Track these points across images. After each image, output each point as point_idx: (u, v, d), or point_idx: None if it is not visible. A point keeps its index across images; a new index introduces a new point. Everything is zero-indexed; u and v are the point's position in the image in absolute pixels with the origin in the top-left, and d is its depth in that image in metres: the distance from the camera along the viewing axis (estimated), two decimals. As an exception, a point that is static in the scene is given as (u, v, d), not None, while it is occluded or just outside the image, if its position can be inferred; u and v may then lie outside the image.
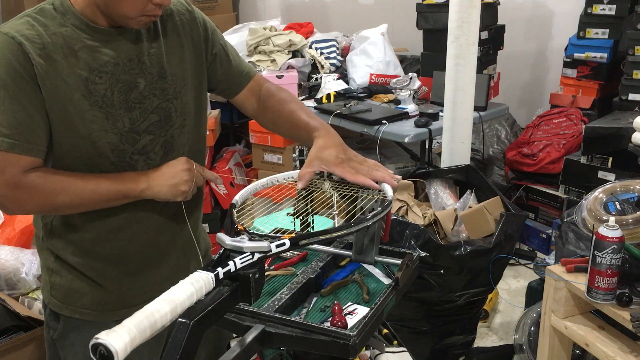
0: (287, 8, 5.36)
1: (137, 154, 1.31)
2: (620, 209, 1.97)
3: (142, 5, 1.20)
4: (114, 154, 1.28)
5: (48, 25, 1.22)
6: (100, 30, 1.25)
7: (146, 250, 1.42)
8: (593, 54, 3.53)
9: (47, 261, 1.43)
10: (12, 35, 1.19)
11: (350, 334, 1.04)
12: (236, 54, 1.53)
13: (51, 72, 1.20)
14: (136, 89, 1.29)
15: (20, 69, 1.18)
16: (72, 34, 1.23)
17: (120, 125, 1.27)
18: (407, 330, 2.43)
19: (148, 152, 1.33)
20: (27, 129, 1.20)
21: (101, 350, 0.76)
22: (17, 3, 4.77)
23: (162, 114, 1.33)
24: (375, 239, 1.28)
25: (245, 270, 0.98)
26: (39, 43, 1.20)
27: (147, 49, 1.31)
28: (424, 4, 3.70)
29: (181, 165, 1.32)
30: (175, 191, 1.31)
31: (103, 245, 1.37)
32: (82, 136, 1.25)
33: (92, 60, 1.24)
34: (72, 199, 1.25)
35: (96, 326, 1.40)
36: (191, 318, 0.87)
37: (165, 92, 1.33)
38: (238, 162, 4.04)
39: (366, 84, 3.78)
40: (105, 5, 1.21)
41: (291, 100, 1.48)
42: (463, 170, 2.65)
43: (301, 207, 1.39)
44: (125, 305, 1.41)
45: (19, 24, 1.22)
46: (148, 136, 1.32)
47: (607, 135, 2.98)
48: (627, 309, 1.65)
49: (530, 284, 2.67)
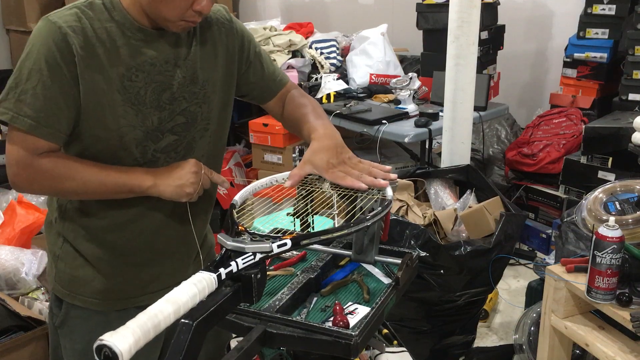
0: (287, 8, 5.36)
1: (159, 152, 1.35)
2: (620, 209, 1.98)
3: (182, 11, 1.25)
4: (137, 150, 1.32)
5: (95, 19, 1.26)
6: (143, 30, 1.29)
7: (152, 245, 1.44)
8: (593, 54, 3.53)
9: (54, 246, 1.46)
10: (60, 25, 1.22)
11: (352, 334, 1.04)
12: (270, 62, 1.58)
13: (91, 65, 1.24)
14: (169, 90, 1.33)
15: (59, 58, 1.22)
16: (116, 30, 1.27)
17: (149, 123, 1.32)
18: (407, 330, 2.43)
19: (169, 151, 1.36)
20: (51, 114, 1.23)
21: (106, 352, 0.77)
22: (17, 2, 4.77)
23: (189, 116, 1.37)
24: (375, 239, 1.28)
25: (247, 271, 0.98)
26: (83, 35, 1.23)
27: (184, 54, 1.35)
28: (424, 4, 3.70)
29: (189, 167, 1.34)
30: (180, 192, 1.32)
31: (113, 234, 1.40)
32: (110, 129, 1.28)
33: (131, 58, 1.28)
34: (79, 186, 1.29)
35: (95, 315, 1.43)
36: (194, 319, 0.87)
37: (195, 95, 1.37)
38: (238, 162, 4.05)
39: (366, 84, 3.78)
40: (149, 7, 1.26)
41: (307, 105, 1.51)
42: (463, 170, 2.65)
43: (301, 207, 1.39)
44: (127, 296, 1.45)
45: (67, 15, 1.25)
46: (172, 136, 1.36)
47: (607, 135, 2.98)
48: (627, 309, 1.66)
49: (530, 284, 2.67)
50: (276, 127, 3.69)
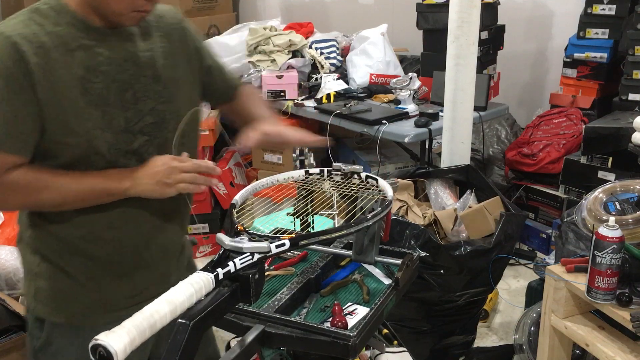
0: (287, 8, 5.36)
1: (131, 154, 1.31)
2: (620, 209, 1.97)
3: (131, 2, 1.22)
4: (110, 153, 1.28)
5: (44, 24, 1.22)
6: (95, 29, 1.26)
7: (136, 252, 1.40)
8: (593, 54, 3.53)
9: (31, 265, 1.40)
10: (8, 35, 1.19)
11: (350, 335, 1.04)
12: (223, 63, 1.59)
13: (48, 71, 1.20)
14: (131, 89, 1.30)
15: (13, 68, 1.18)
16: (67, 32, 1.23)
17: (116, 124, 1.28)
18: (407, 330, 2.43)
19: (142, 153, 1.32)
20: (14, 129, 1.20)
21: (100, 351, 0.76)
22: (17, 2, 4.77)
23: (158, 116, 1.34)
24: (375, 239, 1.28)
25: (245, 271, 0.98)
26: (35, 42, 1.20)
27: (141, 51, 1.32)
28: (424, 4, 3.70)
29: (163, 161, 1.30)
30: (160, 188, 1.28)
31: (93, 244, 1.35)
32: (78, 134, 1.24)
33: (88, 59, 1.24)
34: (55, 196, 1.25)
35: (82, 331, 1.36)
36: (191, 319, 0.87)
37: (159, 94, 1.34)
38: (238, 162, 4.04)
39: (366, 84, 3.78)
40: (98, 3, 1.22)
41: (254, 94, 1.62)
42: (463, 170, 2.65)
43: (301, 207, 1.39)
44: (114, 309, 1.39)
45: (14, 23, 1.22)
46: (143, 137, 1.32)
47: (607, 135, 2.98)
48: (627, 309, 1.65)
49: (530, 284, 2.67)
50: (276, 127, 3.68)
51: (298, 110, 3.64)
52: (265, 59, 3.89)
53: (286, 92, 3.72)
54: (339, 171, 1.36)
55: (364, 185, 1.33)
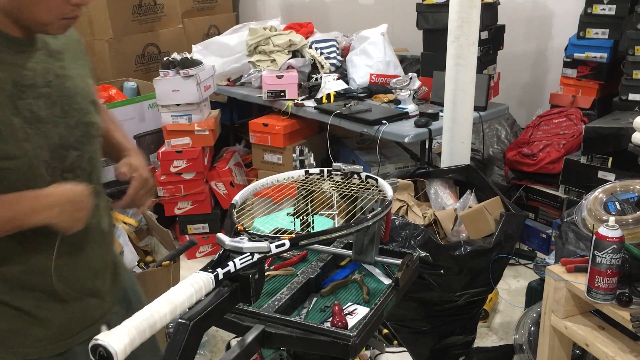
0: (287, 8, 5.36)
1: (67, 172, 1.25)
2: (620, 209, 1.97)
3: (58, 9, 1.15)
4: (48, 173, 1.21)
5: None
6: (16, 41, 1.18)
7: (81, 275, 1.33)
8: (593, 54, 3.53)
9: None
10: None
11: (350, 335, 1.04)
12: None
13: None
14: (58, 102, 1.24)
15: None
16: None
17: (51, 141, 1.21)
18: (407, 330, 2.43)
19: (75, 169, 1.28)
20: None
21: (100, 352, 0.76)
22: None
23: (84, 129, 1.30)
24: (375, 239, 1.28)
25: (245, 271, 0.98)
26: None
27: (61, 64, 1.27)
28: (424, 4, 3.70)
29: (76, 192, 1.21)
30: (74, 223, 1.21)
31: (36, 275, 1.26)
32: (17, 157, 1.16)
33: (14, 74, 1.17)
34: None
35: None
36: (191, 319, 0.87)
37: (81, 107, 1.30)
38: (238, 162, 4.05)
39: (366, 84, 3.78)
40: (20, 13, 1.14)
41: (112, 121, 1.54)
42: (463, 170, 2.65)
43: (301, 207, 1.39)
44: (69, 335, 1.33)
45: None
46: (75, 152, 1.27)
47: (607, 135, 2.98)
48: (627, 309, 1.65)
49: (530, 284, 2.67)
50: (276, 127, 3.69)
51: (298, 110, 3.64)
52: (265, 59, 3.90)
53: (286, 92, 3.72)
54: (339, 171, 1.36)
55: (364, 185, 1.33)
